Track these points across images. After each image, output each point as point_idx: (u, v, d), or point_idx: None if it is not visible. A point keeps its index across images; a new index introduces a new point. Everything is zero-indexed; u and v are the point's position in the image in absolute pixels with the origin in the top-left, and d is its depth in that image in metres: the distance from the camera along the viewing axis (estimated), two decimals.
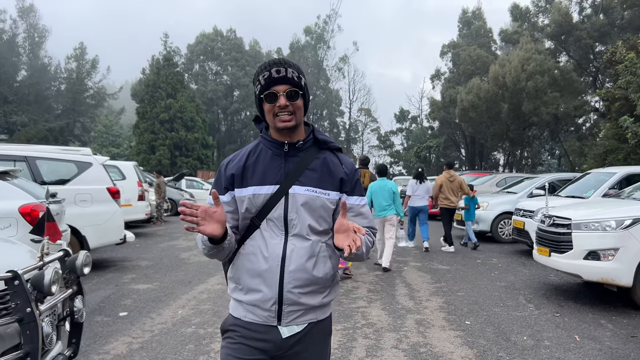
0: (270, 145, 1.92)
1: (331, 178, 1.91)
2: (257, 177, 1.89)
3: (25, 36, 48.13)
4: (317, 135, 1.97)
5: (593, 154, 21.92)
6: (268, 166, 1.90)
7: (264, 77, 1.83)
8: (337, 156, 2.00)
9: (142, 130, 42.18)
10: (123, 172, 13.05)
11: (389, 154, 57.34)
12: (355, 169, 2.00)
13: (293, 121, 1.84)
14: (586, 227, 6.12)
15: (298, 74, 1.86)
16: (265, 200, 1.86)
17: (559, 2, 31.19)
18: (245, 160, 1.93)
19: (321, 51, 57.54)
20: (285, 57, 1.91)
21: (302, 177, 1.88)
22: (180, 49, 57.91)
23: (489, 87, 31.47)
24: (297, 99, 1.84)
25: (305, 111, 1.92)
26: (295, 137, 1.91)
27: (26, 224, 5.16)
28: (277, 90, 1.81)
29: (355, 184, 1.98)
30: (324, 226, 1.90)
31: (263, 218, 1.87)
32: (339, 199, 1.93)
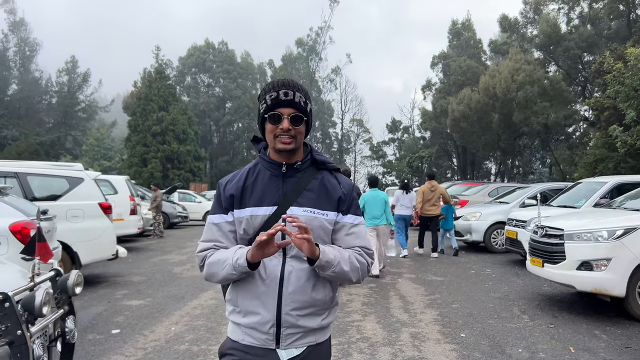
0: (269, 166, 1.91)
1: (329, 198, 1.90)
2: (255, 198, 1.87)
3: (16, 50, 48.05)
4: (315, 156, 1.96)
5: (583, 163, 22.09)
6: (266, 187, 1.88)
7: (270, 97, 1.83)
8: (335, 176, 1.99)
9: (134, 143, 42.04)
10: (115, 186, 12.98)
11: (381, 164, 57.50)
12: (352, 188, 2.00)
13: (293, 144, 1.84)
14: (578, 237, 6.14)
15: (305, 99, 1.86)
16: (263, 221, 1.84)
17: (547, 13, 31.62)
18: (245, 180, 1.92)
19: (313, 63, 57.80)
20: (294, 80, 1.91)
21: (300, 197, 1.86)
22: (172, 62, 58.00)
23: (480, 97, 31.72)
24: (300, 124, 1.84)
25: (306, 136, 1.92)
26: (293, 159, 1.90)
27: (17, 241, 5.11)
28: (282, 112, 1.81)
29: (351, 203, 1.96)
30: None
31: None
32: (336, 219, 1.91)
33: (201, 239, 1.95)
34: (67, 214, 7.60)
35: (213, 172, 56.56)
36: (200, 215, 23.27)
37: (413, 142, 51.67)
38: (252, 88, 60.76)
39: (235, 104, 57.64)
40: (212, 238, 1.91)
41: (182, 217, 21.15)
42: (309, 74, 57.50)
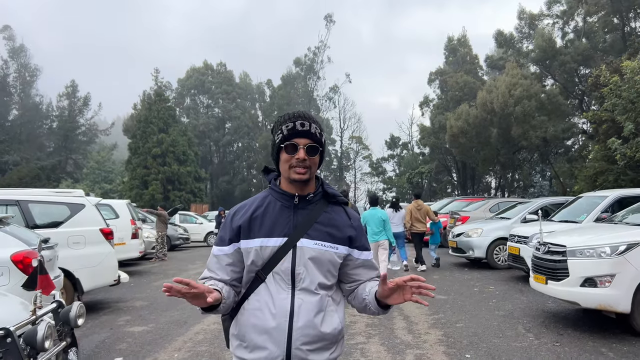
0: (280, 197, 1.91)
1: (340, 232, 1.91)
2: (265, 229, 1.86)
3: (16, 76, 48.39)
4: (327, 189, 1.97)
5: (583, 176, 22.09)
6: (277, 218, 1.88)
7: (287, 127, 1.84)
8: (345, 210, 2.01)
9: (134, 166, 42.16)
10: (116, 210, 13.00)
11: (381, 180, 57.55)
12: (360, 223, 2.03)
13: (307, 175, 1.85)
14: (581, 253, 6.12)
15: (320, 130, 1.89)
16: (272, 252, 1.83)
17: (542, 28, 31.88)
18: (253, 211, 1.91)
19: (311, 82, 58.16)
20: (308, 112, 1.94)
21: (311, 230, 1.86)
22: (171, 84, 58.47)
23: (478, 112, 31.84)
24: (315, 155, 1.86)
25: (319, 167, 1.94)
26: (306, 190, 1.91)
27: (18, 272, 5.10)
28: (298, 142, 1.83)
29: (363, 239, 1.99)
30: (332, 280, 1.90)
31: (269, 271, 1.83)
32: (347, 253, 1.93)
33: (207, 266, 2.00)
34: (69, 241, 7.60)
35: (214, 193, 56.59)
36: (201, 237, 23.22)
37: (412, 158, 51.76)
38: (251, 108, 61.11)
39: (234, 124, 57.90)
40: (210, 268, 1.93)
41: (184, 239, 21.12)
42: (307, 93, 57.81)
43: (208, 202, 47.66)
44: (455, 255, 13.37)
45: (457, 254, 13.15)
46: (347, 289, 2.02)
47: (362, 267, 1.97)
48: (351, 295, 2.02)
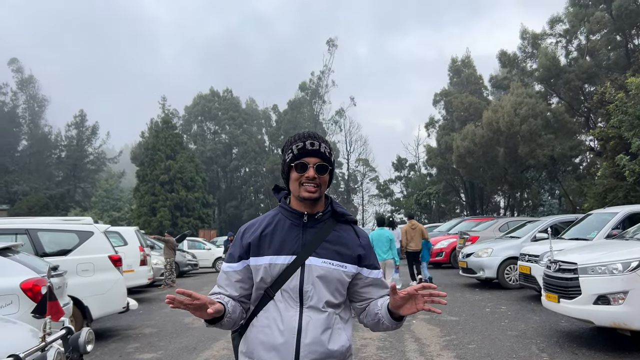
0: (289, 215, 1.95)
1: (349, 251, 1.93)
2: (274, 247, 1.89)
3: (25, 107, 49.22)
4: (335, 208, 2.00)
5: (593, 193, 21.93)
6: (286, 236, 1.91)
7: (297, 147, 1.89)
8: (354, 229, 2.03)
9: (142, 193, 42.36)
10: (124, 237, 13.02)
11: (389, 202, 57.39)
12: (369, 242, 2.05)
13: (317, 193, 1.89)
14: (593, 271, 6.06)
15: (330, 150, 1.94)
16: (281, 270, 1.85)
17: (545, 47, 32.02)
18: (263, 229, 1.94)
19: (317, 106, 58.61)
20: (317, 133, 2.00)
21: (319, 248, 1.89)
22: (178, 111, 59.14)
23: (484, 132, 31.85)
24: (325, 173, 1.91)
25: (329, 185, 1.98)
26: (315, 209, 1.94)
27: (28, 300, 5.11)
28: (308, 161, 1.88)
29: (373, 257, 2.02)
30: (339, 299, 1.91)
31: (278, 289, 1.86)
32: (356, 272, 1.95)
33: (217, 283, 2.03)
34: (78, 268, 7.61)
35: (222, 218, 56.65)
36: (210, 263, 23.16)
37: (420, 179, 51.69)
38: (258, 133, 61.55)
39: (241, 149, 58.26)
40: (220, 284, 1.97)
41: (192, 265, 21.06)
42: (313, 117, 58.20)
43: (216, 228, 47.71)
44: (466, 276, 13.25)
45: (467, 274, 13.04)
46: (358, 307, 2.04)
47: (372, 285, 1.99)
48: (362, 313, 2.04)
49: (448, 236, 18.85)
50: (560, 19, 32.19)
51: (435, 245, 18.14)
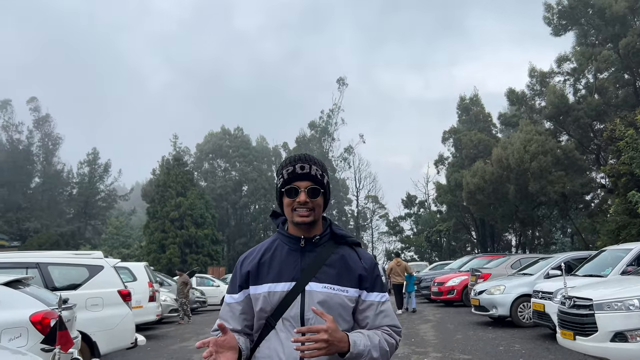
0: (287, 241, 1.89)
1: (350, 274, 1.84)
2: (272, 274, 1.82)
3: (39, 145, 50.00)
4: (335, 230, 1.92)
5: (605, 230, 21.70)
6: (284, 262, 1.84)
7: (287, 171, 1.85)
8: (356, 251, 1.93)
9: (152, 230, 42.46)
10: (134, 273, 12.98)
11: (399, 239, 56.98)
12: (375, 264, 1.94)
13: (311, 217, 1.82)
14: (609, 307, 5.94)
15: (322, 172, 1.87)
16: (280, 298, 1.78)
17: (554, 85, 32.26)
18: (261, 256, 1.88)
19: (326, 143, 59.04)
20: (310, 155, 1.93)
21: (319, 273, 1.81)
22: (189, 149, 59.79)
23: (494, 169, 31.83)
24: (318, 197, 1.84)
25: (325, 208, 1.91)
26: (312, 232, 1.87)
27: (37, 332, 5.08)
28: (298, 185, 1.82)
29: (375, 279, 1.90)
30: (344, 326, 1.80)
31: (279, 317, 1.78)
32: (358, 296, 1.85)
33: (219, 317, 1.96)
34: (87, 303, 7.57)
35: (230, 255, 56.44)
36: (218, 300, 22.94)
37: (430, 217, 51.42)
38: (268, 170, 61.94)
39: (251, 186, 58.55)
40: (224, 318, 1.90)
41: (201, 302, 20.89)
42: (322, 154, 58.56)
43: (225, 265, 47.45)
44: (478, 314, 13.01)
45: (480, 312, 12.81)
46: None
47: (370, 310, 1.86)
48: None
49: (460, 274, 18.60)
50: (568, 57, 32.55)
51: (446, 283, 17.93)
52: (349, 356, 1.68)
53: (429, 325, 12.74)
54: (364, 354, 1.71)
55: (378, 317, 1.86)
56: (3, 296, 5.35)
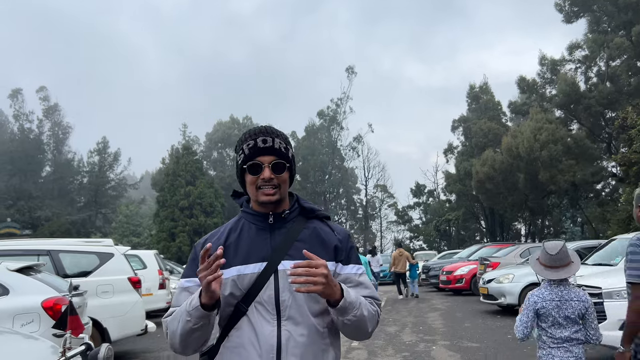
0: (253, 219, 1.75)
1: (324, 248, 1.71)
2: (240, 256, 1.67)
3: (50, 134, 50.37)
4: (303, 204, 1.80)
5: (616, 220, 21.56)
6: (253, 242, 1.70)
7: (248, 146, 1.70)
8: (328, 224, 1.81)
9: (162, 218, 42.74)
10: (144, 260, 13.08)
11: (407, 228, 56.95)
12: (348, 235, 1.82)
13: (277, 195, 1.69)
14: (618, 295, 5.92)
15: (285, 144, 1.73)
16: (252, 280, 1.64)
17: (565, 73, 31.94)
18: (226, 238, 1.73)
19: (334, 132, 58.92)
20: (272, 126, 1.78)
21: (291, 250, 1.67)
22: (198, 138, 59.96)
23: (503, 158, 31.68)
24: (283, 172, 1.71)
25: (291, 184, 1.78)
26: (280, 209, 1.74)
27: (49, 318, 5.15)
28: (262, 161, 1.68)
29: (350, 251, 1.78)
30: (323, 305, 1.65)
31: (250, 302, 1.64)
32: (334, 269, 1.71)
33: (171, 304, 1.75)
34: (97, 290, 7.65)
35: None
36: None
37: (439, 206, 51.28)
38: None
39: None
40: (180, 303, 1.69)
41: None
42: (331, 143, 58.47)
43: None
44: (487, 303, 13.02)
45: (488, 301, 12.83)
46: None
47: (347, 283, 1.70)
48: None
49: (468, 262, 18.60)
50: (580, 45, 32.19)
51: (455, 272, 17.96)
52: (342, 304, 1.56)
53: (437, 314, 12.77)
54: (355, 306, 1.60)
55: (356, 289, 1.71)
56: (15, 282, 5.43)
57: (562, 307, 3.28)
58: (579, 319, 3.33)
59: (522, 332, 3.34)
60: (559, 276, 3.32)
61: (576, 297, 3.32)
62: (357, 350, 8.26)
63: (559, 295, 3.31)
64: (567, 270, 3.32)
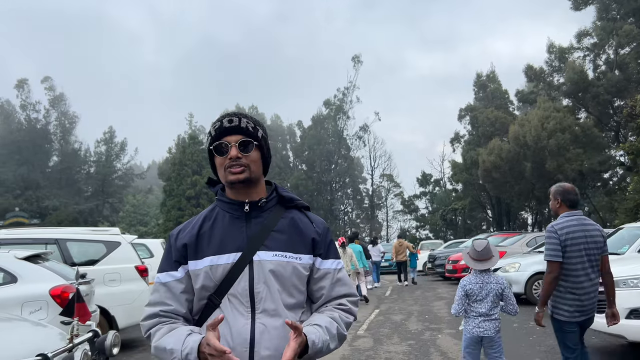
0: (228, 207, 1.67)
1: (302, 239, 1.66)
2: (214, 245, 1.61)
3: (56, 124, 50.56)
4: (281, 193, 1.73)
5: (624, 209, 21.47)
6: (227, 231, 1.63)
7: (214, 127, 1.65)
8: (307, 215, 1.76)
9: (169, 208, 42.93)
10: (151, 249, 13.16)
11: (414, 218, 56.93)
12: (327, 228, 1.76)
13: (246, 174, 1.61)
14: (624, 284, 5.89)
15: (254, 125, 1.68)
16: (225, 272, 1.57)
17: (573, 61, 31.66)
18: (200, 227, 1.67)
19: (341, 122, 58.77)
20: (242, 112, 1.73)
21: (268, 240, 1.61)
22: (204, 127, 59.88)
23: (510, 147, 31.54)
24: (251, 151, 1.63)
25: (265, 167, 1.73)
26: (255, 196, 1.67)
27: (56, 306, 5.20)
28: (228, 140, 1.62)
29: (329, 245, 1.73)
30: (299, 297, 1.63)
31: (223, 294, 1.57)
32: (312, 263, 1.67)
33: (147, 302, 1.67)
34: (105, 278, 7.71)
35: None
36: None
37: (445, 195, 51.22)
38: (282, 149, 61.94)
39: None
40: (158, 300, 1.63)
41: None
42: (337, 132, 58.37)
43: None
44: None
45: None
46: (316, 309, 1.72)
47: (326, 279, 1.68)
48: None
49: None
50: (588, 32, 31.87)
51: (461, 261, 17.94)
52: (307, 357, 1.52)
53: (442, 303, 12.79)
54: (322, 350, 1.54)
55: (335, 286, 1.69)
56: (23, 271, 5.48)
57: (483, 289, 4.38)
58: (497, 298, 4.42)
59: (455, 308, 4.51)
60: (483, 267, 4.42)
61: (495, 281, 4.44)
62: (363, 339, 8.29)
63: (482, 280, 4.41)
64: (489, 263, 4.44)
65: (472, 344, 4.42)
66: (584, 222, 4.12)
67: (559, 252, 4.01)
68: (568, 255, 4.00)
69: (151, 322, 1.62)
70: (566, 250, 4.00)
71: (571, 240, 3.99)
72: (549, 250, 4.08)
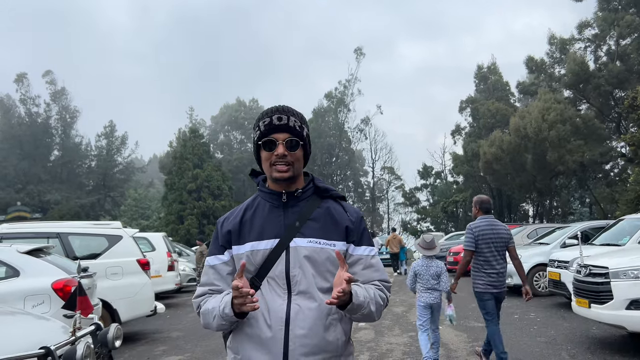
0: (268, 197, 1.80)
1: (336, 227, 1.76)
2: (255, 232, 1.74)
3: (57, 118, 50.44)
4: (318, 184, 1.83)
5: (625, 200, 21.42)
6: (266, 219, 1.76)
7: (264, 123, 1.74)
8: (341, 204, 1.85)
9: (170, 201, 42.93)
10: (152, 243, 13.19)
11: (415, 210, 56.91)
12: (361, 217, 1.86)
13: (290, 172, 1.73)
14: (625, 275, 5.91)
15: (300, 123, 1.77)
16: (264, 256, 1.71)
17: (574, 52, 31.52)
18: (242, 215, 1.80)
19: (342, 114, 58.65)
20: (288, 106, 1.81)
21: (304, 228, 1.73)
22: (205, 121, 59.90)
23: (511, 138, 31.47)
24: (297, 149, 1.74)
25: (305, 163, 1.83)
26: (293, 187, 1.78)
27: (59, 299, 5.22)
28: (276, 138, 1.72)
29: (362, 232, 1.82)
30: (331, 283, 1.69)
31: (263, 277, 1.71)
32: (346, 249, 1.77)
33: (199, 283, 1.84)
34: (107, 272, 7.74)
35: None
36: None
37: (446, 187, 51.18)
38: None
39: None
40: (207, 282, 1.79)
41: None
42: (338, 125, 58.27)
43: None
44: None
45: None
46: None
47: (359, 264, 1.78)
48: None
49: None
50: (589, 23, 31.70)
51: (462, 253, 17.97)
52: (350, 307, 1.62)
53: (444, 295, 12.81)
54: (363, 305, 1.65)
55: (368, 271, 1.79)
56: (26, 264, 5.50)
57: (428, 270, 5.85)
58: (437, 277, 5.87)
59: (409, 285, 6.11)
60: (429, 253, 5.91)
61: (435, 265, 5.90)
62: (365, 330, 8.34)
63: (427, 264, 5.89)
64: (434, 251, 5.95)
65: (423, 309, 5.93)
66: (493, 224, 5.66)
67: (472, 244, 5.57)
68: (480, 246, 5.54)
69: (200, 298, 1.79)
70: (479, 242, 5.54)
71: (482, 236, 5.53)
72: (467, 242, 5.66)
